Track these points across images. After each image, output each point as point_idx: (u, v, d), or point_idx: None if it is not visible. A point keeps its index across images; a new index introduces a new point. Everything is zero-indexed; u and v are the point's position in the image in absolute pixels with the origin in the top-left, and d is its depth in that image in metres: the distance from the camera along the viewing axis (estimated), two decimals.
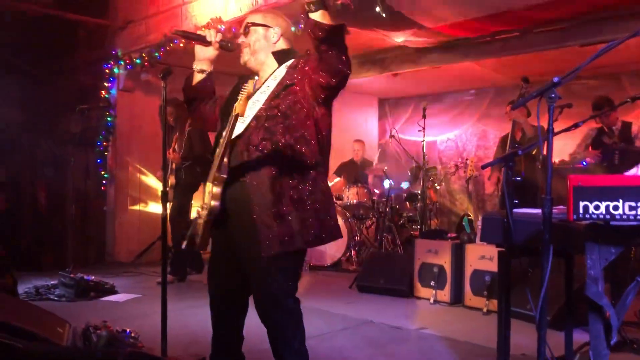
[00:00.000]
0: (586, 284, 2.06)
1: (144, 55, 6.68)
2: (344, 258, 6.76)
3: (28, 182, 9.20)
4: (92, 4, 7.42)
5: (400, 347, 3.72)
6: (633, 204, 1.91)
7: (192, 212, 6.55)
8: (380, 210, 6.93)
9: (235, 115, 2.25)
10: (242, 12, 5.33)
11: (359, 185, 7.02)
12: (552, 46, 5.49)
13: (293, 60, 2.38)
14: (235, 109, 2.25)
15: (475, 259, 4.67)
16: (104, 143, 7.28)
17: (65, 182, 7.10)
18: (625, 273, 4.78)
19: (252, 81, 2.42)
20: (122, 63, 7.04)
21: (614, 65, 6.73)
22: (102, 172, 7.33)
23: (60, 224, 7.20)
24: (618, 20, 4.85)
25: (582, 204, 1.97)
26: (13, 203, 8.69)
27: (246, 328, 2.53)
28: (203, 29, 2.48)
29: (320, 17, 2.05)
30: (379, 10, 4.58)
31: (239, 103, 2.24)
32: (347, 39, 2.18)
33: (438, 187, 7.75)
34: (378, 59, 6.72)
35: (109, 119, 7.23)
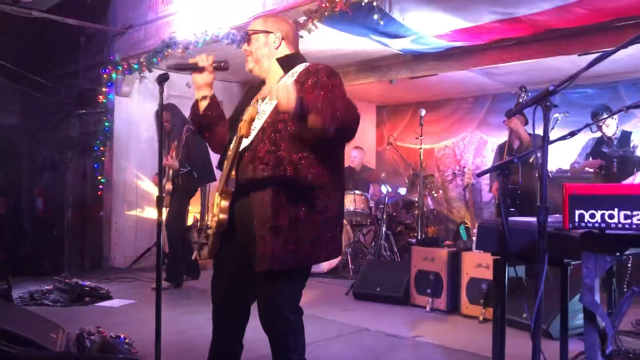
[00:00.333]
0: (582, 293, 2.05)
1: (142, 60, 6.69)
2: (340, 265, 6.76)
3: (27, 187, 9.22)
4: (92, 10, 7.44)
5: (396, 356, 3.70)
6: (628, 212, 1.90)
7: (189, 218, 6.57)
8: (378, 218, 6.93)
9: (240, 136, 2.24)
10: (241, 21, 5.34)
11: (357, 192, 7.02)
12: (549, 55, 5.50)
13: (301, 72, 2.30)
14: (239, 129, 2.23)
15: (472, 267, 4.66)
16: (102, 148, 7.27)
17: (63, 187, 7.10)
18: (622, 282, 4.78)
19: (259, 92, 2.39)
20: (120, 68, 7.04)
21: (612, 75, 6.76)
22: (99, 177, 7.32)
23: (58, 229, 7.19)
24: (615, 30, 4.86)
25: (577, 212, 1.97)
26: (12, 208, 8.71)
27: (246, 335, 2.52)
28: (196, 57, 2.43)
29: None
30: (376, 17, 4.61)
31: (243, 124, 2.22)
32: (346, 46, 2.16)
33: (435, 195, 7.75)
34: (375, 66, 6.73)
35: (106, 124, 7.23)
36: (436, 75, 6.89)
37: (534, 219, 2.14)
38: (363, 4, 4.43)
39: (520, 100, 5.12)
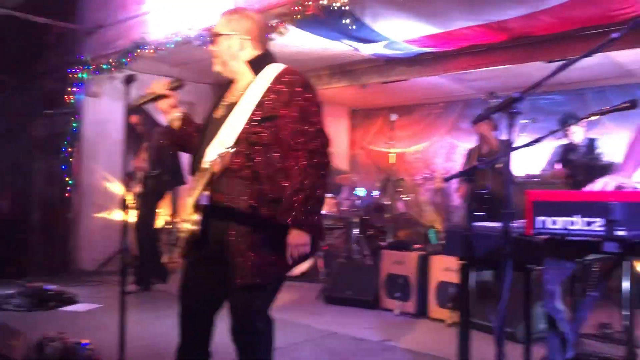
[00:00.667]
0: (544, 298, 2.08)
1: (111, 61, 6.59)
2: (312, 268, 6.73)
3: None
4: (60, 8, 7.30)
5: None
6: (589, 219, 1.93)
7: (160, 220, 6.48)
8: (349, 221, 6.93)
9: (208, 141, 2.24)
10: (213, 22, 5.29)
11: (328, 195, 7.01)
12: (518, 62, 5.58)
13: (275, 79, 2.25)
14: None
15: (440, 271, 4.69)
16: (69, 149, 7.13)
17: (30, 188, 6.94)
18: (585, 287, 4.85)
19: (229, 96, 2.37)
20: (90, 68, 6.93)
21: (579, 82, 6.88)
22: (67, 179, 7.18)
23: (24, 232, 7.03)
24: (582, 38, 4.96)
25: (539, 218, 1.99)
26: None
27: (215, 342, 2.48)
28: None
29: None
30: (347, 22, 4.61)
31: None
32: (319, 50, 2.17)
33: (407, 199, 7.79)
34: (348, 70, 6.75)
35: (74, 124, 7.09)
36: (408, 81, 6.94)
37: (500, 224, 2.16)
38: (334, 8, 4.44)
39: (489, 106, 5.18)
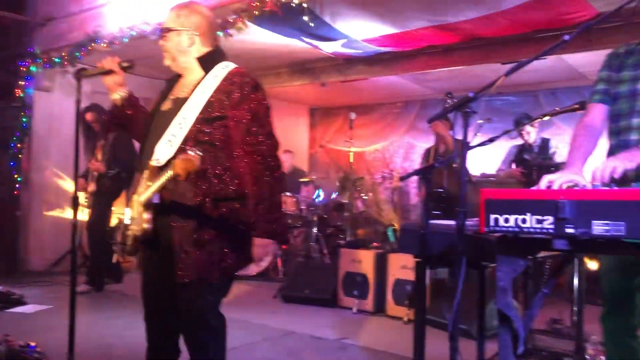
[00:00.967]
0: (496, 295, 2.10)
1: (64, 54, 6.39)
2: (270, 267, 6.70)
3: None
4: None
5: (321, 358, 3.69)
6: (540, 217, 1.96)
7: (113, 219, 6.32)
8: (308, 220, 6.92)
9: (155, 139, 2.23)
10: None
11: (287, 194, 6.98)
12: (474, 63, 5.68)
13: (225, 79, 2.27)
14: (174, 166, 2.13)
15: (398, 269, 4.73)
16: (18, 145, 6.88)
17: None
18: (538, 284, 4.98)
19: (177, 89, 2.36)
20: (40, 61, 6.69)
21: (532, 84, 7.07)
22: (16, 176, 6.92)
23: None
24: (535, 41, 5.08)
25: (492, 216, 2.01)
26: None
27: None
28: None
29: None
30: (306, 19, 4.59)
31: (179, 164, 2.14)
32: (279, 47, 2.17)
33: (366, 197, 7.83)
34: (308, 68, 6.73)
35: (24, 119, 6.84)
36: (367, 80, 6.97)
37: (454, 222, 2.18)
38: (293, 5, 4.41)
39: (446, 106, 5.24)
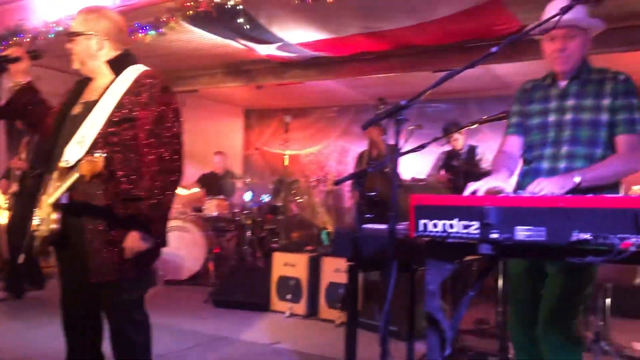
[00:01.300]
0: (425, 298, 2.16)
1: None
2: (202, 271, 6.58)
3: None
4: None
5: None
6: (467, 222, 2.03)
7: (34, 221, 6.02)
8: (242, 223, 6.86)
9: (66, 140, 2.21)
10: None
11: (220, 197, 6.90)
12: (407, 70, 5.82)
13: (135, 81, 2.27)
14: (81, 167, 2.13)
15: (331, 272, 4.76)
16: None
17: None
18: (465, 286, 5.16)
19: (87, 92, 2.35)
20: None
21: (462, 92, 7.32)
22: None
23: None
24: (466, 51, 5.26)
25: (422, 221, 2.06)
26: None
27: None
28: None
29: None
30: (241, 21, 4.55)
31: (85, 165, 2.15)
32: (214, 48, 2.18)
33: (301, 200, 7.85)
34: (243, 70, 6.67)
35: None
36: (303, 83, 6.99)
37: (386, 226, 2.22)
38: (228, 6, 4.37)
39: (379, 111, 5.34)
